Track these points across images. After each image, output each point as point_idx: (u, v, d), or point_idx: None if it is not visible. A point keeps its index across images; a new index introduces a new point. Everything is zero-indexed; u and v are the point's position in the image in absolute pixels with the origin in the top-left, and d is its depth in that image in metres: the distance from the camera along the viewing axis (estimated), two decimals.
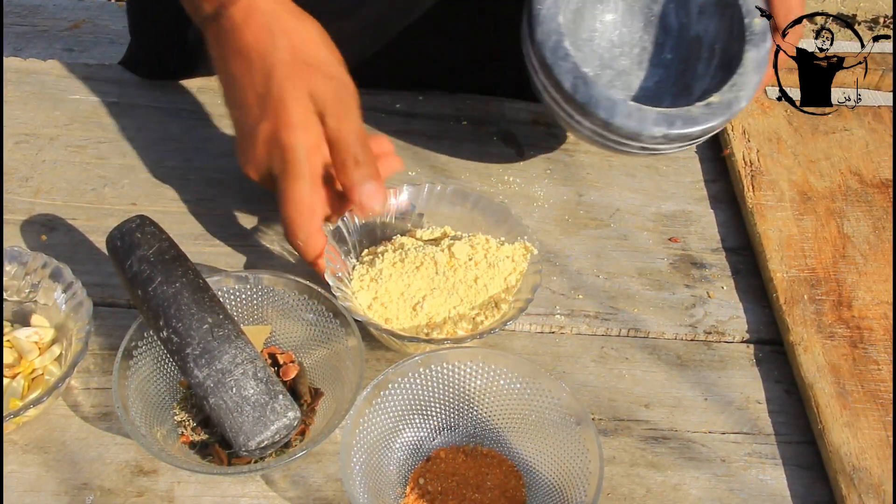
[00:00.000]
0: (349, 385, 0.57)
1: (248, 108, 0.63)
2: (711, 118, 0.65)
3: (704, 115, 0.65)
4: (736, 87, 0.66)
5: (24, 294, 0.63)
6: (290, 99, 0.61)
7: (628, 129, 0.64)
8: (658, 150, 0.68)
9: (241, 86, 0.63)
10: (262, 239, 0.72)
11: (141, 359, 0.58)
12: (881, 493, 0.58)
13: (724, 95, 0.66)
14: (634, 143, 0.66)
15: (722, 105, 0.66)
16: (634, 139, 0.65)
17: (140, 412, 0.56)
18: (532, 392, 0.58)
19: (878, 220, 0.76)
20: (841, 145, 0.82)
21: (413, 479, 0.58)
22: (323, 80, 0.62)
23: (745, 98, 0.66)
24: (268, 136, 0.62)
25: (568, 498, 0.55)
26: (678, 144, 0.67)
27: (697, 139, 0.67)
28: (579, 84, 0.65)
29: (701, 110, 0.65)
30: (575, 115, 0.66)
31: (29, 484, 0.57)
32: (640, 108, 0.65)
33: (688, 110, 0.65)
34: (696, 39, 0.73)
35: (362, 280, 0.63)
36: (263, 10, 0.62)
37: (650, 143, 0.66)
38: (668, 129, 0.64)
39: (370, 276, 0.63)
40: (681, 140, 0.66)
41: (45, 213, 0.72)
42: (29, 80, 0.83)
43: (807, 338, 0.67)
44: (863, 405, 0.63)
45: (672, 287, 0.71)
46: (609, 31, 0.75)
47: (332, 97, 0.62)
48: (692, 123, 0.65)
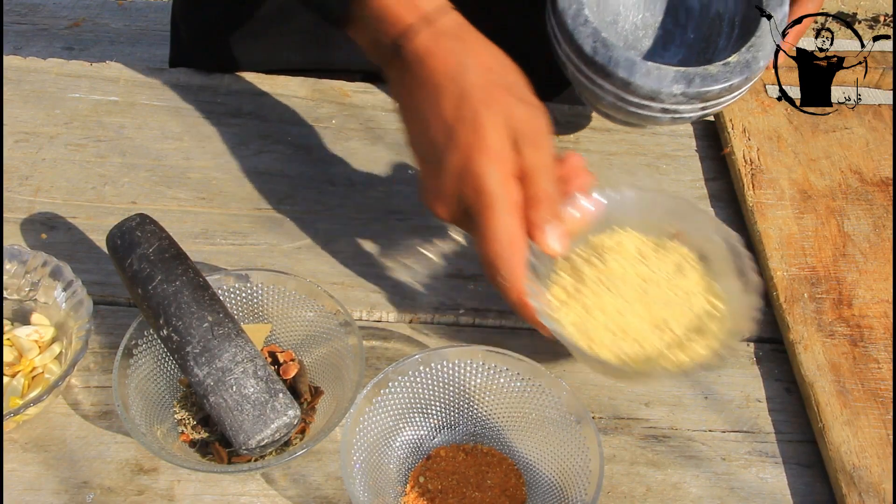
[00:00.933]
0: (349, 383, 0.57)
1: (435, 138, 0.57)
2: (731, 76, 0.65)
3: (723, 73, 0.66)
4: (753, 47, 0.67)
5: (24, 292, 0.63)
6: (486, 125, 0.55)
7: (647, 87, 0.65)
8: (679, 112, 0.67)
9: (428, 116, 0.57)
10: (263, 237, 0.72)
11: (141, 357, 0.58)
12: (881, 491, 0.58)
13: (742, 56, 0.66)
14: (655, 105, 0.66)
15: (740, 64, 0.66)
16: (654, 98, 0.66)
17: (140, 411, 0.56)
18: (532, 390, 0.58)
19: (879, 218, 0.76)
20: (841, 144, 0.82)
21: (413, 477, 0.58)
22: (518, 105, 0.57)
23: (763, 58, 0.66)
24: (460, 165, 0.56)
25: (568, 496, 0.55)
26: (699, 106, 0.67)
27: (717, 100, 0.67)
28: (598, 47, 0.66)
29: (719, 69, 0.66)
30: (596, 78, 0.67)
31: (29, 482, 0.57)
32: (659, 67, 0.65)
33: (706, 69, 0.66)
34: (717, 17, 0.74)
35: (562, 297, 0.61)
36: (450, 34, 0.57)
37: (670, 103, 0.66)
38: (686, 87, 0.65)
39: (569, 294, 0.61)
40: (700, 99, 0.66)
41: (45, 212, 0.72)
42: (29, 78, 0.83)
43: (807, 336, 0.67)
44: (863, 403, 0.63)
45: None
46: (633, 13, 0.76)
47: (528, 124, 0.57)
48: (711, 81, 0.65)
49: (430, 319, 0.68)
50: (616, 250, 0.63)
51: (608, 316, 0.59)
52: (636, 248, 0.63)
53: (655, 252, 0.63)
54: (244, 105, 0.82)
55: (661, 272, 0.61)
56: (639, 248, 0.63)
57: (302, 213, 0.74)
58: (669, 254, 0.63)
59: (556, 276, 0.62)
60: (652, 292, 0.60)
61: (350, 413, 0.55)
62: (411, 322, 0.68)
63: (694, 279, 0.61)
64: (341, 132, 0.81)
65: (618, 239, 0.63)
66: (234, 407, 0.54)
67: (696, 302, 0.60)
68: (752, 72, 0.66)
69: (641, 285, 0.61)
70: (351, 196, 0.76)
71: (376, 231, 0.73)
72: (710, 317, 0.60)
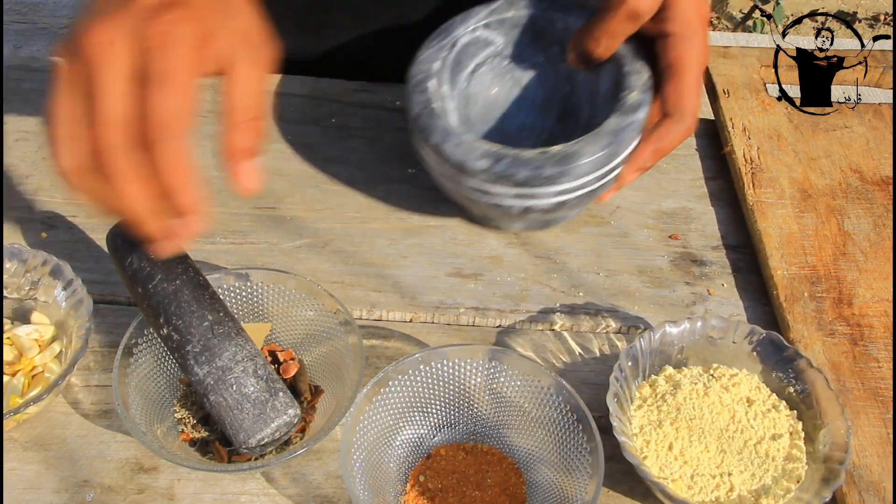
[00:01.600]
0: (349, 383, 0.57)
1: None
2: (543, 165, 0.60)
3: (536, 160, 0.61)
4: (581, 142, 0.62)
5: (24, 291, 0.63)
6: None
7: (455, 158, 0.62)
8: (496, 196, 0.63)
9: None
10: (263, 236, 0.72)
11: (141, 357, 0.58)
12: (881, 490, 0.58)
13: (567, 147, 0.61)
14: (468, 182, 0.63)
15: (557, 155, 0.61)
16: (461, 170, 0.62)
17: (140, 410, 0.56)
18: (532, 389, 0.58)
19: (879, 217, 0.76)
20: (841, 142, 0.82)
21: (413, 476, 0.58)
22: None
23: (586, 155, 0.61)
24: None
25: (568, 495, 0.55)
26: (514, 192, 0.62)
27: (533, 189, 0.62)
28: (424, 113, 0.64)
29: (534, 155, 0.61)
30: (420, 146, 0.66)
31: (29, 481, 0.57)
32: (476, 140, 0.62)
33: (520, 152, 0.61)
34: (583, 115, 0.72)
35: (642, 409, 0.60)
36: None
37: (481, 179, 0.62)
38: (493, 164, 0.61)
39: (652, 418, 0.59)
40: (511, 182, 0.61)
41: (44, 211, 0.72)
42: (29, 77, 0.83)
43: (807, 335, 0.67)
44: (863, 402, 0.63)
45: (672, 285, 0.71)
46: (521, 116, 0.75)
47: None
48: (520, 165, 0.60)
49: (430, 318, 0.68)
50: (726, 386, 0.61)
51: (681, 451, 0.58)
52: (747, 392, 0.61)
53: (763, 407, 0.60)
54: None
55: (758, 428, 0.59)
56: (749, 395, 0.61)
57: (302, 211, 0.74)
58: (779, 415, 0.60)
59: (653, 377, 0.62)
60: (733, 439, 0.59)
61: (350, 412, 0.55)
62: (411, 321, 0.68)
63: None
64: (341, 131, 0.81)
65: (736, 379, 0.61)
66: (235, 406, 0.54)
67: (771, 465, 0.58)
68: (567, 166, 0.60)
69: (727, 427, 0.59)
70: (351, 195, 0.76)
71: (376, 230, 0.73)
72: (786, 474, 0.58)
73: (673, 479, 0.57)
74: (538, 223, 0.72)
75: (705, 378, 0.61)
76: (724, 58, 0.89)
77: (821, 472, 0.57)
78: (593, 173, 0.62)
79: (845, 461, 0.56)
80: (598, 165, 0.62)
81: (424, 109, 0.64)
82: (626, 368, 0.60)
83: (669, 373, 0.62)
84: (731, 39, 1.90)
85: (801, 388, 0.60)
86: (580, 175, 0.62)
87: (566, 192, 0.63)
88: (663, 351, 0.62)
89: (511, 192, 0.62)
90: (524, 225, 0.72)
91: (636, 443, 0.58)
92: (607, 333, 0.68)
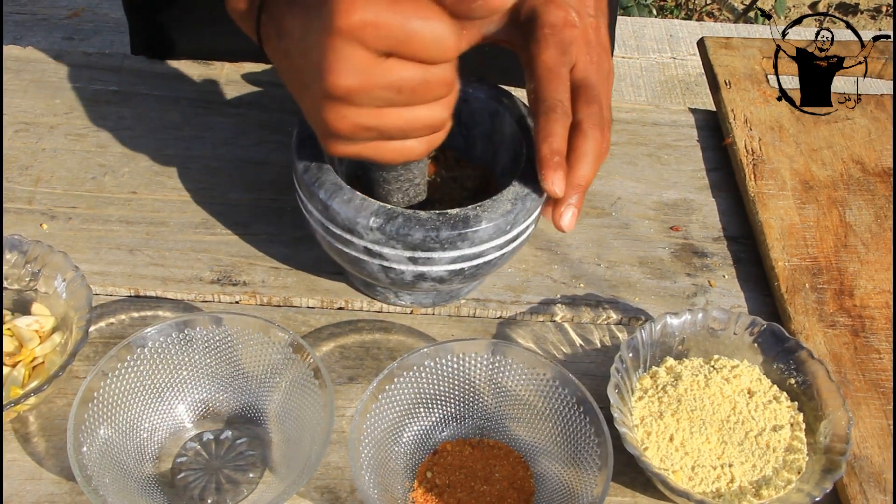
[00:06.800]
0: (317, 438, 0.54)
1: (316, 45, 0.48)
2: (439, 228, 0.56)
3: (432, 221, 0.56)
4: (481, 208, 0.57)
5: (24, 283, 0.63)
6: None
7: (344, 215, 0.56)
8: (387, 259, 0.58)
9: (304, 35, 0.50)
10: (264, 227, 0.72)
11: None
12: (882, 481, 0.58)
13: (465, 211, 0.57)
14: (356, 242, 0.57)
15: (453, 218, 0.56)
16: (352, 230, 0.57)
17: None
18: (537, 382, 0.58)
19: (880, 208, 0.75)
20: (843, 134, 0.81)
21: (421, 472, 0.58)
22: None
23: (485, 220, 0.56)
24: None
25: (576, 488, 0.55)
26: (406, 255, 0.57)
27: (428, 254, 0.57)
28: (312, 167, 0.59)
29: (429, 215, 0.57)
30: (306, 202, 0.60)
31: (29, 472, 0.57)
32: (365, 199, 0.57)
33: (416, 212, 0.56)
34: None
35: (642, 401, 0.60)
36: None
37: (370, 240, 0.57)
38: (384, 223, 0.56)
39: (652, 409, 0.60)
40: (403, 245, 0.56)
41: (45, 202, 0.72)
42: (29, 68, 0.82)
43: (808, 326, 0.66)
44: (864, 394, 0.63)
45: (673, 276, 0.71)
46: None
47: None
48: (414, 226, 0.56)
49: (431, 310, 0.68)
50: (727, 378, 0.61)
51: (681, 442, 0.58)
52: (748, 383, 0.61)
53: (764, 399, 0.60)
54: (244, 95, 0.81)
55: (759, 419, 0.59)
56: (750, 387, 0.61)
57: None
58: (780, 406, 0.60)
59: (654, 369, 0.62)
60: (733, 430, 0.59)
61: (357, 409, 0.55)
62: (412, 313, 0.68)
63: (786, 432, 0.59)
64: None
65: (737, 371, 0.61)
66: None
67: (772, 456, 0.58)
68: (466, 229, 0.56)
69: (728, 419, 0.59)
70: None
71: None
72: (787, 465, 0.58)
73: (674, 470, 0.57)
74: (429, 296, 0.67)
75: (706, 369, 0.61)
76: (726, 49, 0.88)
77: (822, 464, 0.57)
78: (494, 241, 0.58)
79: (846, 452, 0.56)
80: (500, 232, 0.58)
81: (312, 164, 0.59)
82: (627, 360, 0.60)
83: (670, 364, 0.62)
84: (732, 30, 1.89)
85: (802, 380, 0.60)
86: (479, 242, 0.57)
87: (463, 258, 0.58)
88: (664, 342, 0.62)
89: (405, 256, 0.57)
90: (412, 299, 0.67)
91: (637, 434, 0.58)
92: (608, 325, 0.68)
